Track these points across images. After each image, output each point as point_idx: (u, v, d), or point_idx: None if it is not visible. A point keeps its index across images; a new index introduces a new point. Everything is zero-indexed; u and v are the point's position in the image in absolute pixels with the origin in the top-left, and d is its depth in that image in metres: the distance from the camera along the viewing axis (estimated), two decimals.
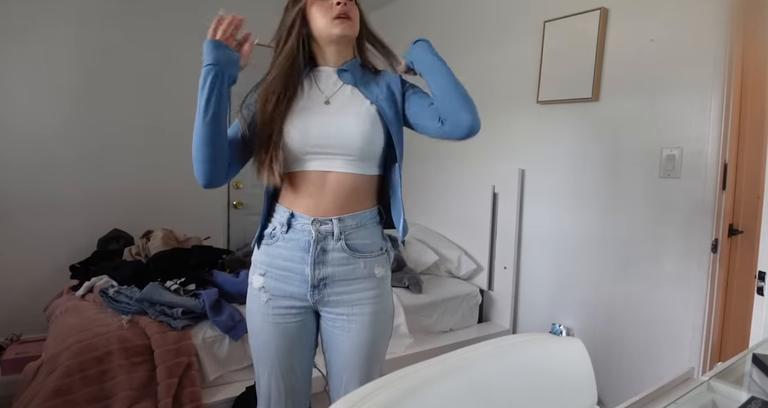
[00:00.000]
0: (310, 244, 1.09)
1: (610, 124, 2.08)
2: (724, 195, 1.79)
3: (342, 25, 1.10)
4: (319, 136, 1.08)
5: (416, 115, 1.15)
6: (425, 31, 3.08)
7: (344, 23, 1.10)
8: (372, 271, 1.13)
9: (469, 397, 0.58)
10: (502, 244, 2.56)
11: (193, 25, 3.00)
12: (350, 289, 1.11)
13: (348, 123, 1.09)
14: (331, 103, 1.13)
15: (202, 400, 1.68)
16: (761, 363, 0.85)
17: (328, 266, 1.10)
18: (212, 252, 2.49)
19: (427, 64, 1.15)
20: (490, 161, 2.64)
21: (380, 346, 1.17)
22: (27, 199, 2.56)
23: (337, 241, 1.09)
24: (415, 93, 1.18)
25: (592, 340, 2.09)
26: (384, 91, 1.15)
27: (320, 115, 1.10)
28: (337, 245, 1.09)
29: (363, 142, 1.09)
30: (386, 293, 1.17)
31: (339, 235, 1.09)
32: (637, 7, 1.97)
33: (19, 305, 2.48)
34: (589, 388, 0.72)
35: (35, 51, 2.55)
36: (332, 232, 1.09)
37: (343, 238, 1.09)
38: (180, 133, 3.01)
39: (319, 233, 1.08)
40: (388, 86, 1.17)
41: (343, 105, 1.13)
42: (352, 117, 1.10)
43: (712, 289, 1.79)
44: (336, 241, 1.09)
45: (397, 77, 1.20)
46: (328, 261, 1.09)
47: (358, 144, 1.08)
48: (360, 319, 1.12)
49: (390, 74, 1.21)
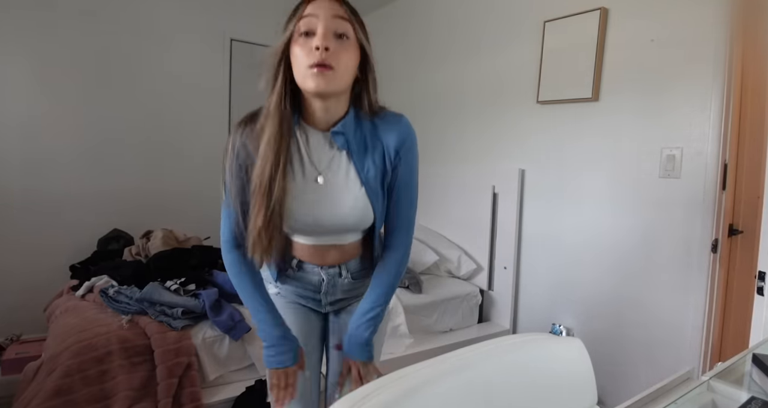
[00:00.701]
0: (320, 283, 1.14)
1: (610, 124, 2.08)
2: (724, 195, 1.79)
3: (317, 79, 0.89)
4: (313, 224, 1.03)
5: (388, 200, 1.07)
6: (425, 30, 3.08)
7: (321, 76, 0.89)
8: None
9: (469, 397, 0.58)
10: (502, 244, 2.56)
11: (196, 24, 3.02)
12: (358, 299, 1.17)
13: (342, 210, 1.01)
14: (324, 181, 1.00)
15: (202, 400, 1.68)
16: (761, 363, 0.85)
17: (338, 292, 1.16)
18: (212, 252, 2.49)
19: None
20: (490, 161, 2.64)
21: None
22: (27, 199, 2.56)
23: (345, 278, 1.14)
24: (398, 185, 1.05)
25: (592, 340, 2.09)
26: (376, 163, 1.01)
27: (314, 200, 1.00)
28: (345, 280, 1.15)
29: (355, 225, 1.05)
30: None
31: (346, 274, 1.14)
32: (637, 7, 1.97)
33: (19, 305, 2.48)
34: (589, 388, 0.72)
35: (35, 51, 2.55)
36: (340, 273, 1.13)
37: (350, 275, 1.15)
38: (180, 134, 3.03)
39: (328, 274, 1.13)
40: (381, 155, 1.01)
41: (336, 183, 1.01)
42: (345, 203, 1.01)
43: (712, 289, 1.79)
44: (344, 278, 1.14)
45: (395, 138, 1.01)
46: (338, 289, 1.16)
47: (351, 228, 1.06)
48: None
49: (390, 131, 1.01)
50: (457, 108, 2.87)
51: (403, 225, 1.09)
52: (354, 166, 1.01)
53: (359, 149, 1.00)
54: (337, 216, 1.02)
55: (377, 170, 1.02)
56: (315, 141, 1.01)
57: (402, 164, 1.03)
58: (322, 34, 0.89)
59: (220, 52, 3.13)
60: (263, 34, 3.20)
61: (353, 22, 0.93)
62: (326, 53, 0.88)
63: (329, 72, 0.89)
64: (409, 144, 1.03)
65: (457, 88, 2.87)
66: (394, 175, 1.04)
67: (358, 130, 1.01)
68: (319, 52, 0.88)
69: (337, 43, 0.90)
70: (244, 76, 3.20)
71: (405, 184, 1.06)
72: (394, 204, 1.07)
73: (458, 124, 2.86)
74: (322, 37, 0.88)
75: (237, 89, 3.20)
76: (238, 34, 3.18)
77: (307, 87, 0.91)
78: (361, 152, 1.01)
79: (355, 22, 0.94)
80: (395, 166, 1.03)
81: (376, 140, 1.01)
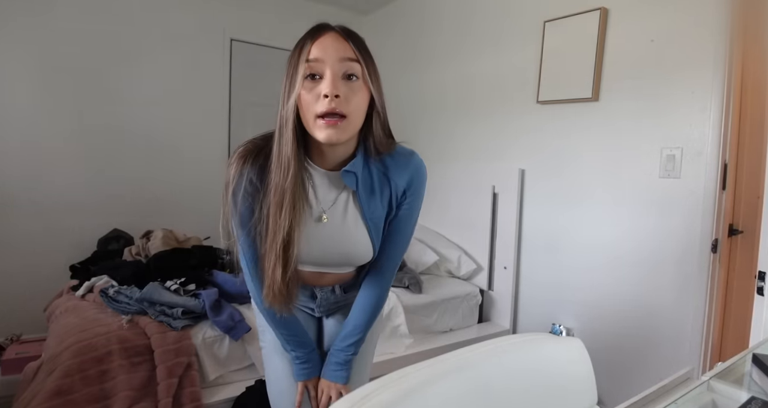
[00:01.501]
0: (314, 298, 1.15)
1: (610, 124, 2.08)
2: (724, 195, 1.79)
3: (327, 132, 0.84)
4: (316, 260, 1.03)
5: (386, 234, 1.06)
6: (425, 30, 3.08)
7: (332, 128, 0.84)
8: None
9: (468, 397, 0.58)
10: (502, 244, 2.56)
11: (196, 24, 3.02)
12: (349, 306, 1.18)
13: (344, 248, 1.01)
14: (328, 220, 0.98)
15: (202, 400, 1.68)
16: (761, 363, 0.85)
17: (331, 303, 1.17)
18: (212, 252, 2.49)
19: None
20: (490, 161, 2.64)
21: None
22: (27, 199, 2.56)
23: (339, 293, 1.16)
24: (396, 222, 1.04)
25: (592, 340, 2.09)
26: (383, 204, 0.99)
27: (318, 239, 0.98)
28: (338, 296, 1.16)
29: (355, 262, 1.07)
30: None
31: (340, 291, 1.15)
32: (637, 7, 1.97)
33: (19, 305, 2.48)
34: (589, 388, 0.72)
35: (35, 51, 2.55)
36: (334, 290, 1.14)
37: (342, 290, 1.16)
38: (181, 134, 3.03)
39: (322, 292, 1.14)
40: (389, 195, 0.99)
41: (340, 223, 0.98)
42: (348, 241, 1.00)
43: (712, 289, 1.79)
44: (338, 294, 1.16)
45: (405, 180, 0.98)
46: (331, 301, 1.17)
47: (351, 264, 1.08)
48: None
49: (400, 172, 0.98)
50: (457, 108, 2.86)
51: (391, 261, 1.08)
52: (360, 207, 0.98)
53: (366, 190, 0.98)
54: (340, 254, 1.03)
55: (382, 211, 1.01)
56: (320, 180, 0.97)
57: (407, 203, 1.02)
58: (331, 80, 0.83)
59: (220, 52, 3.13)
60: (263, 34, 3.20)
61: (361, 61, 0.87)
62: (336, 100, 0.83)
63: (341, 122, 0.84)
64: (418, 184, 1.01)
65: (457, 88, 2.87)
66: (396, 212, 1.03)
67: (366, 170, 0.97)
68: (328, 100, 0.83)
69: (347, 86, 0.85)
70: (244, 76, 3.20)
71: (404, 220, 1.04)
72: (388, 239, 1.05)
73: (458, 123, 2.85)
74: (330, 85, 0.83)
75: (237, 89, 3.19)
76: (238, 34, 3.17)
77: (318, 138, 0.86)
78: (367, 193, 0.98)
79: (363, 60, 0.87)
80: (400, 205, 1.02)
81: (384, 181, 0.98)
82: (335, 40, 0.85)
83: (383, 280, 1.10)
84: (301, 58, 0.85)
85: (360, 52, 0.87)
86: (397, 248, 1.08)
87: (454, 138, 2.87)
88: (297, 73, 0.84)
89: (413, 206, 1.04)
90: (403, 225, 1.05)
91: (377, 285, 1.10)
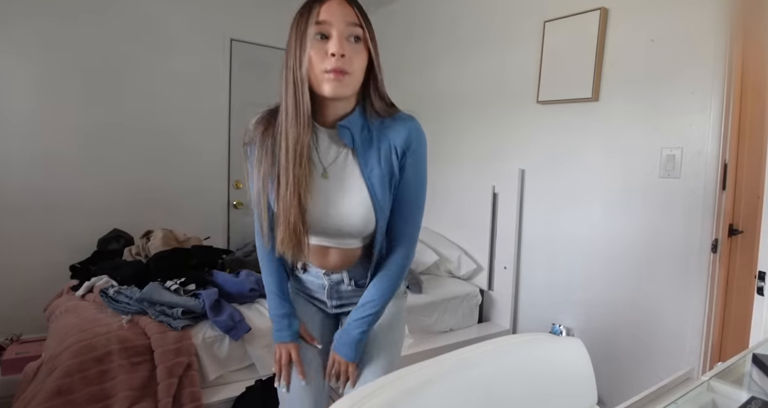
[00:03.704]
0: (324, 287, 1.16)
1: (610, 124, 2.08)
2: (724, 195, 1.79)
3: (333, 84, 0.93)
4: (319, 219, 1.04)
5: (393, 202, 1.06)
6: (425, 30, 3.08)
7: (337, 82, 0.93)
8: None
9: (469, 397, 0.58)
10: (502, 244, 2.56)
11: (196, 24, 3.02)
12: None
13: (344, 208, 1.02)
14: (329, 177, 1.03)
15: (202, 400, 1.68)
16: (761, 363, 0.85)
17: (343, 298, 1.18)
18: (212, 252, 2.49)
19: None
20: (490, 161, 2.64)
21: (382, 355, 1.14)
22: (27, 199, 2.56)
23: (348, 285, 1.16)
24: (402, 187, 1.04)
25: (592, 340, 2.09)
26: (381, 164, 1.01)
27: (320, 195, 1.02)
28: (349, 287, 1.16)
29: (357, 227, 1.04)
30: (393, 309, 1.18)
31: (349, 282, 1.15)
32: (637, 7, 1.97)
33: (19, 305, 2.48)
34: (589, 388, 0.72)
35: (35, 51, 2.55)
36: (342, 280, 1.15)
37: (353, 283, 1.15)
38: (181, 134, 3.03)
39: (331, 280, 1.15)
40: (387, 154, 1.01)
41: (341, 180, 1.03)
42: (348, 200, 1.02)
43: (712, 289, 1.79)
44: (347, 285, 1.16)
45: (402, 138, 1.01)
46: (343, 294, 1.17)
47: (354, 230, 1.05)
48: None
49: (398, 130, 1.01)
50: (457, 108, 2.86)
51: (407, 227, 1.08)
52: (358, 165, 1.02)
53: (364, 147, 1.01)
54: (340, 214, 1.03)
55: (382, 171, 1.01)
56: (323, 138, 1.03)
57: (408, 165, 1.03)
58: (338, 40, 0.92)
59: (220, 52, 3.13)
60: (263, 34, 3.20)
61: (363, 26, 0.95)
62: (342, 59, 0.92)
63: (345, 77, 0.93)
64: (417, 145, 1.03)
65: (457, 88, 2.87)
66: (400, 176, 1.03)
67: (365, 129, 1.02)
68: (335, 59, 0.91)
69: (350, 47, 0.94)
70: (244, 76, 3.20)
71: (410, 185, 1.05)
72: (398, 204, 1.06)
73: (458, 123, 2.85)
74: (338, 45, 0.91)
75: (237, 89, 3.19)
76: (238, 34, 3.17)
77: (324, 91, 0.94)
78: (365, 150, 1.01)
79: (365, 25, 0.96)
80: (402, 167, 1.03)
81: (383, 139, 1.01)
82: (341, 5, 0.94)
83: (398, 253, 1.08)
84: (311, 20, 0.92)
85: (362, 17, 0.96)
86: (406, 216, 1.07)
87: (454, 138, 2.87)
88: (307, 33, 0.92)
89: (417, 168, 1.04)
90: (409, 190, 1.05)
91: (392, 259, 1.09)
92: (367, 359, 1.13)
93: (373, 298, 1.08)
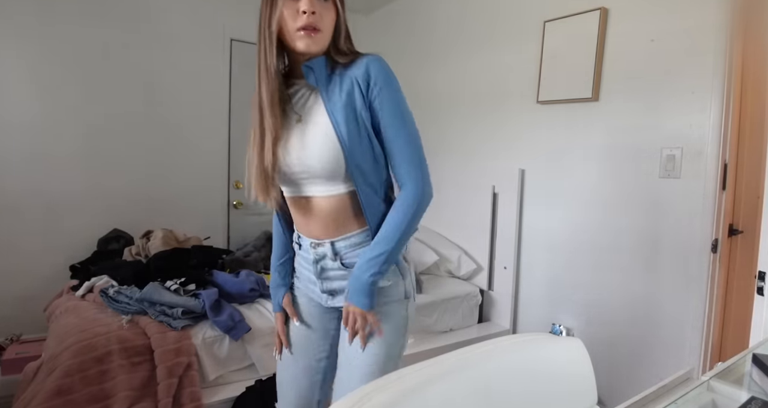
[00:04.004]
0: (311, 263, 1.12)
1: (610, 124, 2.08)
2: (724, 195, 1.79)
3: (306, 40, 0.99)
4: (295, 163, 1.04)
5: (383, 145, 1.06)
6: (425, 30, 3.08)
7: (309, 39, 0.99)
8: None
9: (468, 397, 0.58)
10: (502, 244, 2.56)
11: (196, 24, 3.02)
12: None
13: (310, 144, 1.02)
14: (301, 121, 1.05)
15: (202, 400, 1.68)
16: (761, 363, 0.85)
17: (333, 281, 1.12)
18: (212, 252, 2.49)
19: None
20: (490, 161, 2.64)
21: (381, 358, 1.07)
22: (27, 199, 2.56)
23: (334, 261, 1.09)
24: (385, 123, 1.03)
25: (592, 340, 2.09)
26: (342, 97, 1.01)
27: (297, 139, 1.04)
28: (335, 264, 1.10)
29: (324, 165, 1.01)
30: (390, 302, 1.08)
31: (334, 257, 1.09)
32: (637, 7, 1.97)
33: (19, 305, 2.48)
34: (589, 388, 0.72)
35: (35, 51, 2.55)
36: (327, 254, 1.09)
37: (339, 259, 1.09)
38: (180, 134, 3.03)
39: (317, 254, 1.10)
40: (350, 87, 1.01)
41: (309, 120, 1.04)
42: (313, 136, 1.02)
43: (712, 289, 1.79)
44: (333, 261, 1.09)
45: (362, 70, 1.01)
46: (331, 277, 1.11)
47: (318, 167, 1.02)
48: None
49: (359, 66, 1.02)
50: (456, 108, 2.86)
51: (405, 159, 1.03)
52: (323, 103, 1.03)
53: (328, 86, 1.03)
54: (307, 152, 1.02)
55: (344, 105, 1.00)
56: (297, 89, 1.09)
57: (380, 99, 1.01)
58: None
59: (220, 52, 3.13)
60: None
61: None
62: (313, 16, 0.97)
63: (316, 34, 0.99)
64: (379, 76, 1.01)
65: (457, 87, 2.87)
66: (375, 113, 1.02)
67: (329, 69, 1.05)
68: (306, 16, 0.97)
69: (321, 5, 0.99)
70: (244, 76, 3.20)
71: (392, 118, 1.03)
72: (389, 147, 1.04)
73: (458, 123, 2.85)
74: (308, 3, 0.97)
75: (237, 89, 3.19)
76: (238, 34, 3.17)
77: (298, 48, 1.00)
78: (329, 88, 1.03)
79: None
80: (372, 102, 1.02)
81: (345, 77, 1.03)
82: None
83: (404, 192, 1.03)
84: None
85: None
86: (402, 144, 1.03)
87: (454, 138, 2.87)
88: None
89: (393, 100, 1.03)
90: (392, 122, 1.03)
91: (402, 182, 1.04)
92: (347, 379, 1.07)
93: (386, 234, 1.01)
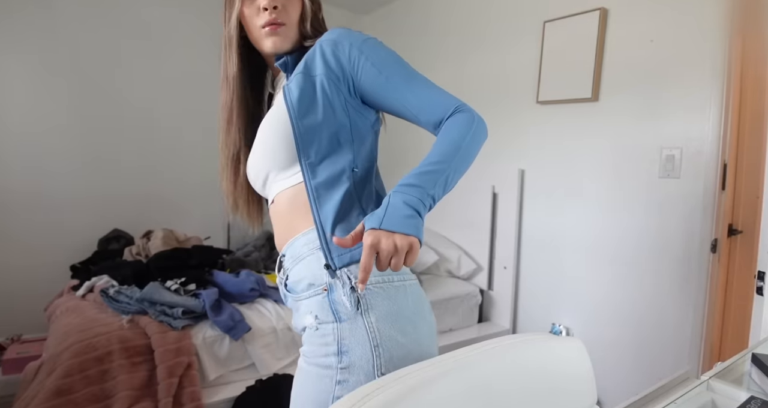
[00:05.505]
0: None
1: (610, 124, 2.08)
2: (723, 195, 1.79)
3: (272, 39, 0.89)
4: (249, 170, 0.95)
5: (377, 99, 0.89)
6: (425, 30, 3.08)
7: (275, 35, 0.89)
8: (303, 319, 0.84)
9: (469, 397, 0.59)
10: (501, 244, 2.56)
11: (196, 24, 3.02)
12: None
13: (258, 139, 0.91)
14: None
15: (202, 400, 1.68)
16: (761, 363, 0.85)
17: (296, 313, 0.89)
18: (212, 252, 2.49)
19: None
20: (490, 161, 2.63)
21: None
22: (27, 199, 2.56)
23: (284, 278, 0.90)
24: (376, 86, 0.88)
25: (592, 340, 2.09)
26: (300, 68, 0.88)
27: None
28: (285, 281, 0.90)
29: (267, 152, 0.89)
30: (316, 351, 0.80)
31: (284, 272, 0.90)
32: (637, 7, 1.97)
33: (20, 305, 2.47)
34: (589, 388, 0.73)
35: (35, 52, 2.55)
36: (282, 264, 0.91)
37: (286, 276, 0.89)
38: (180, 134, 3.03)
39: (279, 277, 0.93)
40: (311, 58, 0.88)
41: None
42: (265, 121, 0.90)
43: (711, 289, 1.79)
44: (283, 276, 0.91)
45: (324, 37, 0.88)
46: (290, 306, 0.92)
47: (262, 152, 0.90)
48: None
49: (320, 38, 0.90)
50: None
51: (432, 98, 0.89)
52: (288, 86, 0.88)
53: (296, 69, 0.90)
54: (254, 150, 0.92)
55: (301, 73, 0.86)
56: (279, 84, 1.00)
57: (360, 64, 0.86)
58: None
59: (220, 52, 3.12)
60: None
61: None
62: (275, 11, 0.88)
63: (281, 29, 0.89)
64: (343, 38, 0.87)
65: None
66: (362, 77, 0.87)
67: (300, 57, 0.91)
68: (268, 13, 0.88)
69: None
70: None
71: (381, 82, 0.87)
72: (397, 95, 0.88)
73: None
74: None
75: None
76: None
77: (265, 48, 0.92)
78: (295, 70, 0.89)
79: None
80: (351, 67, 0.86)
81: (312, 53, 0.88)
82: None
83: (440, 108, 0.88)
84: None
85: None
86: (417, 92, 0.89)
87: None
88: None
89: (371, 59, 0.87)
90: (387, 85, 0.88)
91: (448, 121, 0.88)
92: None
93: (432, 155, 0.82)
